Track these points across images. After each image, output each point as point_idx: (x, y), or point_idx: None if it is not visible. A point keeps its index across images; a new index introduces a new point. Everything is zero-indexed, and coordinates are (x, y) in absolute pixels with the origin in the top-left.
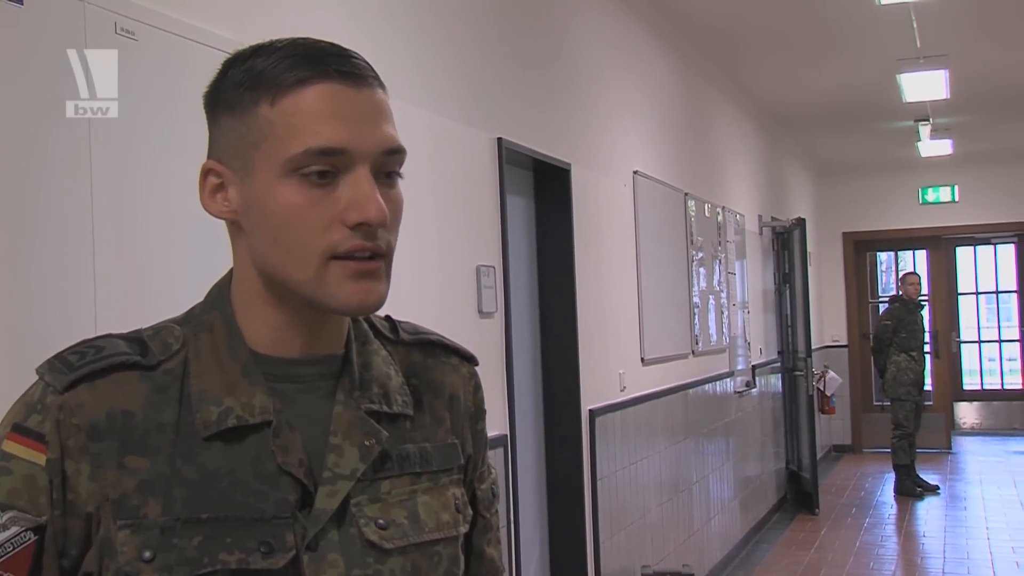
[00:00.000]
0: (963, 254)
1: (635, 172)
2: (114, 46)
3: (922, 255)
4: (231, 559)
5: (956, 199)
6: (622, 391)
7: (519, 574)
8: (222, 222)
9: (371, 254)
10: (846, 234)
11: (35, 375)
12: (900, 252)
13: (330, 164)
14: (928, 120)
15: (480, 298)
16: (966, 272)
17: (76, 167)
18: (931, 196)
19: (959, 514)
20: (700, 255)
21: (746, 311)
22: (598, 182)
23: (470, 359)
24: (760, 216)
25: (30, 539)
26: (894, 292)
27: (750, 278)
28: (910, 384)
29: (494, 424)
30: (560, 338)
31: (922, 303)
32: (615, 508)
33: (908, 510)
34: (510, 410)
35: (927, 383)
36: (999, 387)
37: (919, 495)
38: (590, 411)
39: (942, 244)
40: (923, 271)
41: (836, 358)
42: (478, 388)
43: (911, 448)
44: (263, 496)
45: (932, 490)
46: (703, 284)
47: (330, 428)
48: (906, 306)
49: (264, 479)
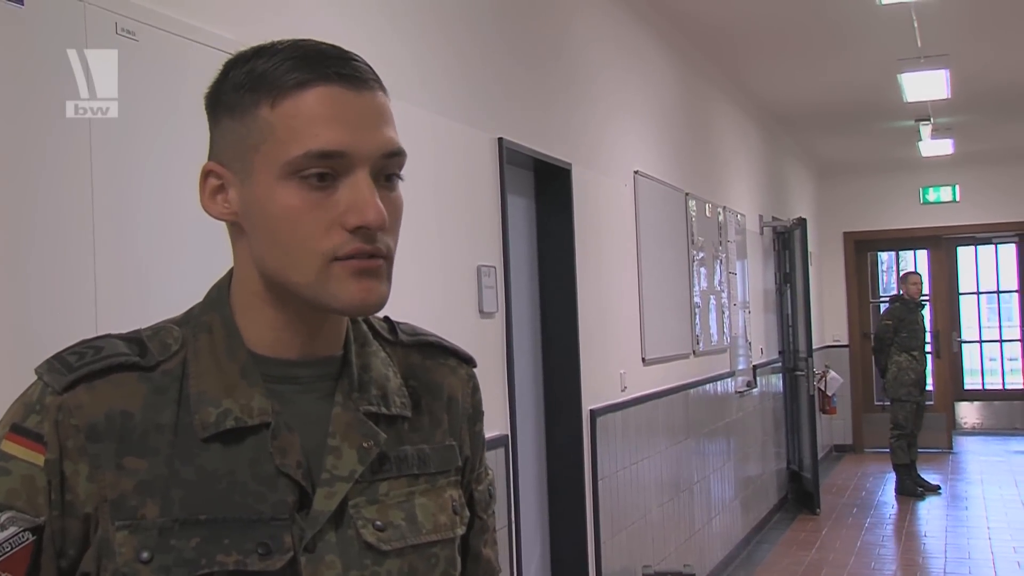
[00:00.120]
0: (964, 254)
1: (636, 172)
2: (114, 46)
3: (923, 255)
4: (229, 560)
5: (957, 199)
6: (623, 391)
7: (520, 574)
8: (222, 223)
9: (371, 254)
10: (847, 234)
11: (34, 375)
12: (901, 252)
13: (329, 167)
14: (929, 120)
15: (481, 298)
16: (967, 272)
17: (76, 167)
18: (932, 196)
19: (960, 514)
20: (701, 255)
21: (747, 311)
22: (599, 182)
23: (468, 361)
24: (761, 216)
25: (28, 539)
26: (895, 292)
27: (751, 278)
28: (911, 384)
29: (495, 424)
30: (561, 338)
31: (923, 303)
32: (616, 508)
33: (909, 510)
34: (511, 410)
35: (928, 383)
36: (1000, 387)
37: (920, 495)
38: (591, 411)
39: (943, 244)
40: (924, 271)
41: (837, 358)
42: (476, 390)
43: (911, 448)
44: (261, 497)
45: (933, 490)
46: (704, 284)
47: (328, 430)
48: (907, 306)
49: (262, 480)
